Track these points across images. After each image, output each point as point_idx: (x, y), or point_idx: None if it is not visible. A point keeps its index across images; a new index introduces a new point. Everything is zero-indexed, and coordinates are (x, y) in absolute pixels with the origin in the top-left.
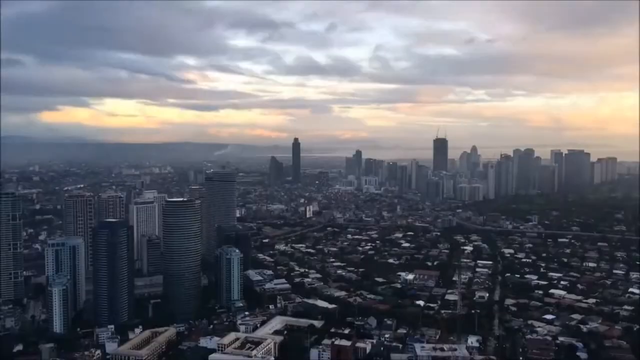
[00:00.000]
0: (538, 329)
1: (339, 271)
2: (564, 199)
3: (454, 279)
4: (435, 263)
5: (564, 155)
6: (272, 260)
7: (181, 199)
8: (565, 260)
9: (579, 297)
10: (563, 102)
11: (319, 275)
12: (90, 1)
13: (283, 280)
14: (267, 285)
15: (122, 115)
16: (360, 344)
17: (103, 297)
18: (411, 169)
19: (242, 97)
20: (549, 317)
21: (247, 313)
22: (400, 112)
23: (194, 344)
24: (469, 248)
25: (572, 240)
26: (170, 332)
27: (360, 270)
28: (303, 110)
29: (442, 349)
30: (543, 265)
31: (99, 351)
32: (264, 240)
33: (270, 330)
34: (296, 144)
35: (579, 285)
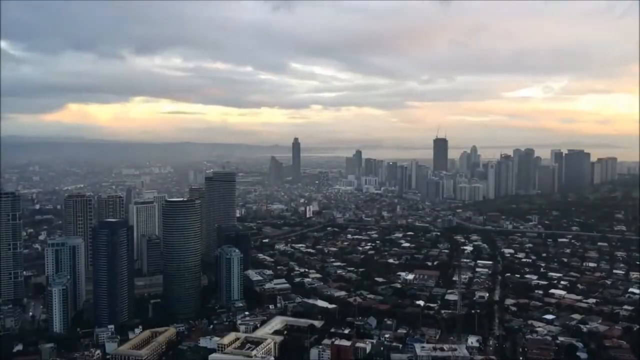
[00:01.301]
0: (538, 329)
1: (339, 271)
2: (564, 199)
3: (454, 279)
4: (435, 263)
5: (564, 155)
6: (272, 260)
7: (181, 199)
8: (565, 260)
9: (579, 297)
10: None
11: (319, 275)
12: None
13: (283, 280)
14: (267, 285)
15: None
16: (360, 344)
17: (103, 297)
18: (411, 169)
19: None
20: (549, 317)
21: (247, 313)
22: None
23: (194, 344)
24: (469, 248)
25: (572, 240)
26: (170, 332)
27: (360, 270)
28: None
29: (442, 349)
30: (543, 265)
31: (99, 351)
32: (264, 240)
33: (270, 330)
34: (296, 144)
35: (579, 285)
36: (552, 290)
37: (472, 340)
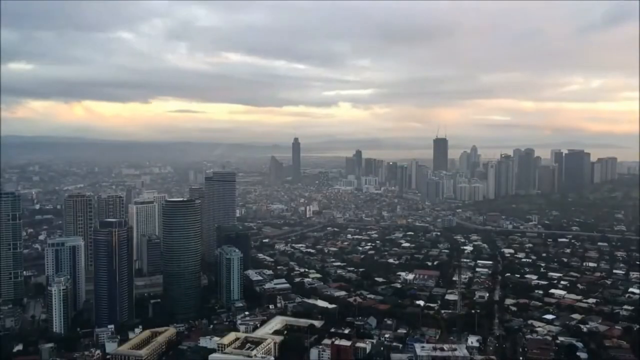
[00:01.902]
0: (538, 329)
1: (339, 271)
2: (564, 199)
3: (454, 279)
4: (435, 263)
5: (564, 155)
6: (272, 260)
7: (181, 199)
8: (565, 260)
9: (579, 297)
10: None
11: (319, 275)
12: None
13: (283, 280)
14: (267, 285)
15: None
16: (360, 344)
17: (103, 297)
18: (411, 169)
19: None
20: (549, 317)
21: (247, 313)
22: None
23: (194, 344)
24: (469, 248)
25: (572, 240)
26: (170, 332)
27: (360, 270)
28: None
29: (442, 349)
30: (543, 265)
31: (99, 351)
32: (264, 240)
33: (270, 330)
34: (296, 144)
35: (579, 285)
36: (552, 290)
37: (472, 340)
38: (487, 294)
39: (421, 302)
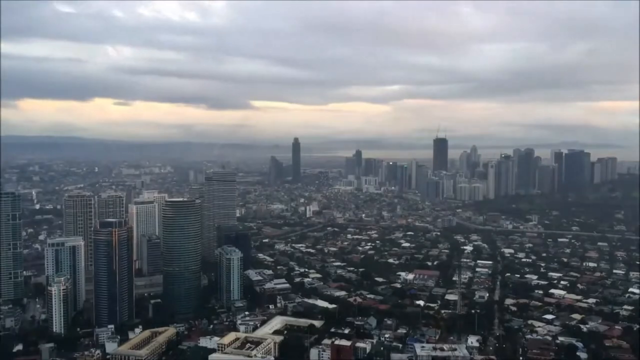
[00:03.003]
0: (538, 329)
1: (339, 271)
2: (564, 199)
3: (454, 279)
4: (435, 263)
5: (564, 155)
6: (272, 260)
7: (181, 199)
8: (565, 260)
9: (579, 297)
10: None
11: (319, 275)
12: None
13: (283, 280)
14: (267, 285)
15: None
16: (360, 344)
17: (103, 297)
18: (411, 169)
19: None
20: (549, 317)
21: (247, 313)
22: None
23: (193, 344)
24: (469, 248)
25: (572, 240)
26: (170, 332)
27: (360, 270)
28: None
29: (442, 349)
30: (543, 265)
31: (98, 351)
32: (264, 240)
33: (270, 330)
34: (296, 144)
35: (579, 285)
36: (552, 290)
37: (472, 340)
38: (487, 294)
39: (421, 302)
